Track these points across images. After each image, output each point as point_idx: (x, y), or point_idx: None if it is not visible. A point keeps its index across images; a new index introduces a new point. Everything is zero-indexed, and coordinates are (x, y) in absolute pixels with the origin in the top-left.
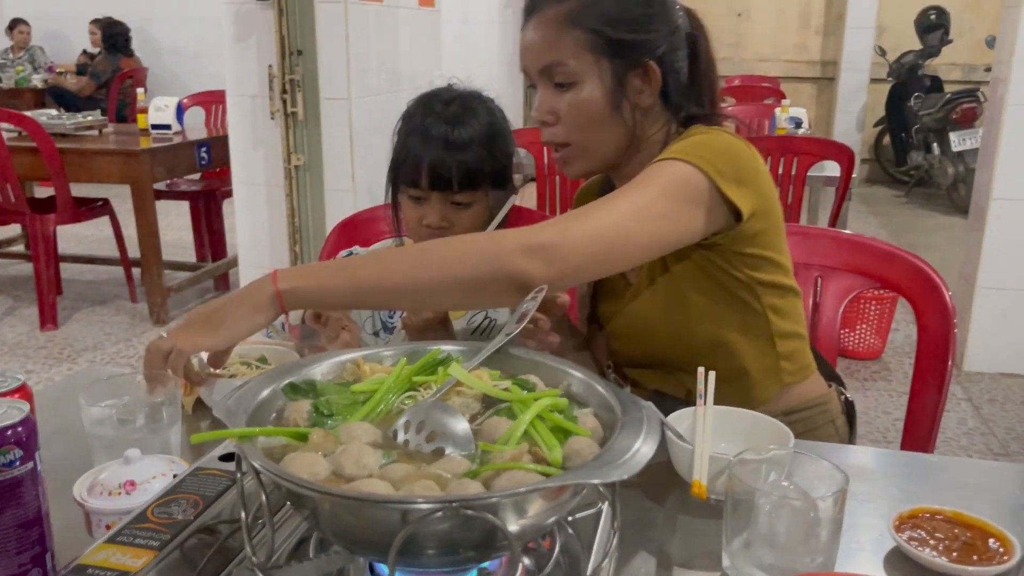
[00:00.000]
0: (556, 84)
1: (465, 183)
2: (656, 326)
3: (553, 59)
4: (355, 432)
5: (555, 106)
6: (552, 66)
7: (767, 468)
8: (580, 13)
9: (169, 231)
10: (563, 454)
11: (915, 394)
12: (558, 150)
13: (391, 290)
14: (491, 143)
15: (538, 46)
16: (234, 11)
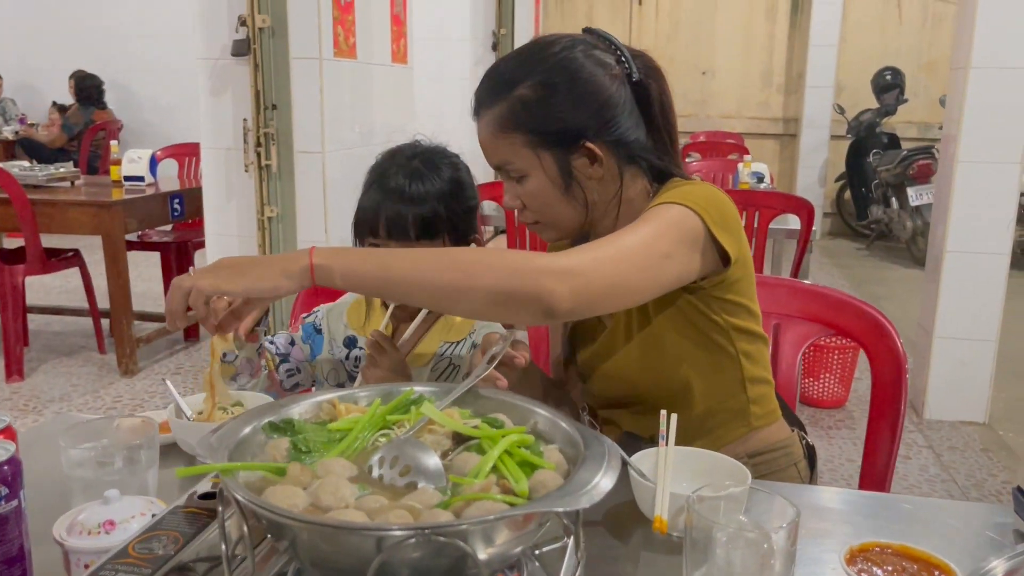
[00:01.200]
0: (518, 177)
1: (422, 233)
2: (631, 367)
3: (500, 159)
4: (332, 467)
5: (517, 194)
6: (502, 165)
7: (725, 505)
8: (508, 117)
9: (139, 282)
10: (529, 486)
11: (871, 435)
12: (531, 226)
13: (418, 285)
14: (450, 196)
15: (485, 147)
16: (209, 66)
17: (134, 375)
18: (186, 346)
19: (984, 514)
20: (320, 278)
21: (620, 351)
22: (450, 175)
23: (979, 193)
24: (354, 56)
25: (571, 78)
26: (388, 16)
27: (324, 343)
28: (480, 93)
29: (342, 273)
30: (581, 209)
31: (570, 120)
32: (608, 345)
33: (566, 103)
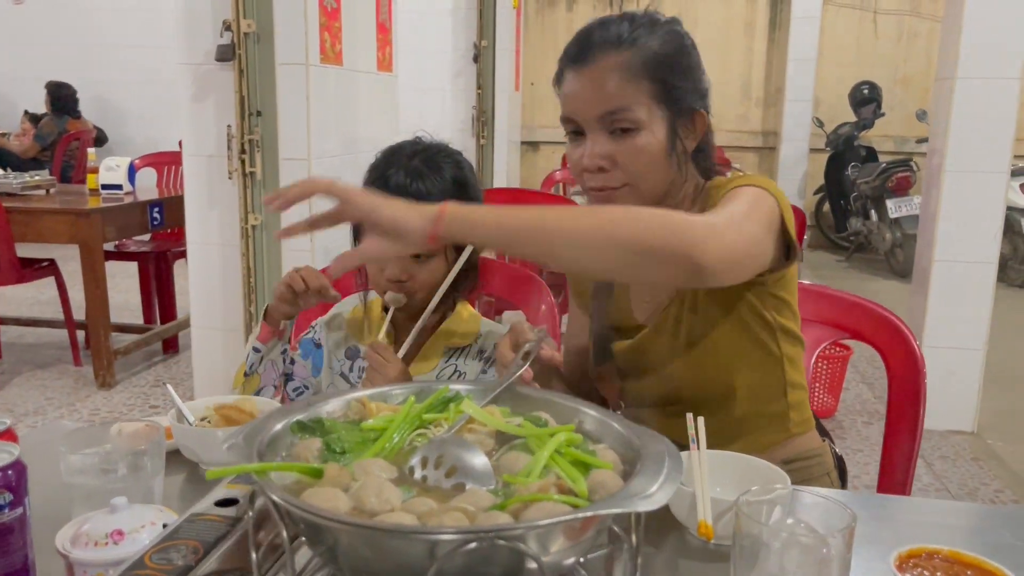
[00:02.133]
0: (618, 129)
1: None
2: (676, 365)
3: (617, 105)
4: (370, 468)
5: (611, 152)
6: (615, 112)
7: (768, 509)
8: (644, 63)
9: (115, 293)
10: (588, 487)
11: (888, 440)
12: (603, 192)
13: (552, 232)
14: (452, 195)
15: (599, 93)
16: (192, 71)
17: (111, 387)
18: (165, 358)
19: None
20: (448, 220)
21: (665, 348)
22: (452, 174)
23: (966, 203)
24: (340, 63)
25: (691, 45)
26: (374, 23)
27: (324, 357)
28: (598, 37)
29: (470, 219)
30: (667, 180)
31: (693, 83)
32: (650, 342)
33: (693, 66)
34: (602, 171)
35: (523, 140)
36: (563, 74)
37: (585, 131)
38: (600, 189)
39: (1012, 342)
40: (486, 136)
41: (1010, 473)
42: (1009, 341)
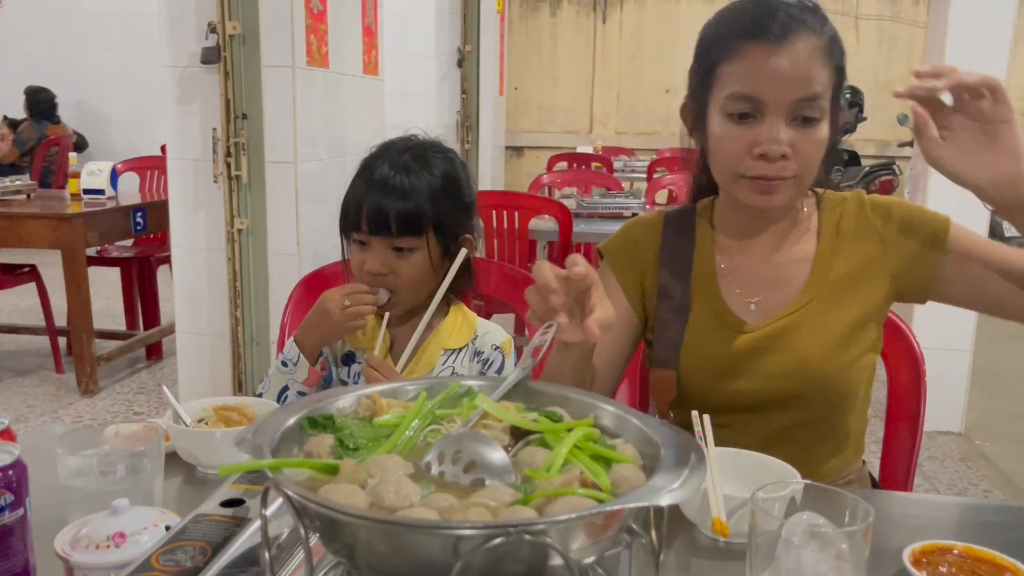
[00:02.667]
0: (802, 118)
1: (405, 229)
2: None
3: (814, 91)
4: (386, 464)
5: (794, 141)
6: (812, 99)
7: (781, 504)
8: (832, 48)
9: (96, 299)
10: (610, 480)
11: (888, 438)
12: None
13: None
14: (440, 192)
15: (800, 76)
16: (177, 74)
17: (94, 395)
18: (148, 364)
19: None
20: None
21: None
22: (442, 170)
23: (952, 204)
24: (326, 66)
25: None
26: (360, 27)
27: (333, 371)
28: (792, 14)
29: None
30: (816, 176)
31: (845, 77)
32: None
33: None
34: (783, 159)
35: (507, 145)
36: (742, 48)
37: (764, 114)
38: (772, 178)
39: (996, 344)
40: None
41: (998, 473)
42: (993, 343)
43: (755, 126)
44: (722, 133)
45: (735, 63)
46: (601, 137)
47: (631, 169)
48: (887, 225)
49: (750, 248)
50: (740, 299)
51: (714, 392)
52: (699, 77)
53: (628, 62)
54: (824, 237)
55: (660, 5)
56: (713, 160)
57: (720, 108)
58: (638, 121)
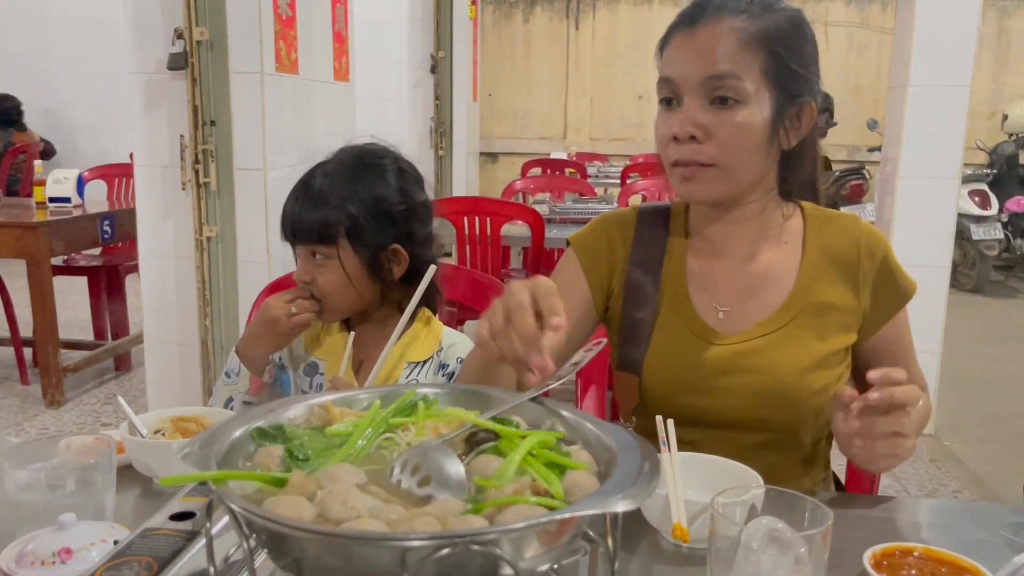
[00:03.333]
0: (717, 99)
1: (315, 237)
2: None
3: (726, 70)
4: (336, 474)
5: (707, 123)
6: (723, 78)
7: (742, 509)
8: (764, 33)
9: (63, 309)
10: (564, 487)
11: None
12: (688, 166)
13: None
14: (357, 202)
15: (711, 54)
16: (144, 81)
17: (61, 406)
18: (117, 375)
19: (996, 514)
20: None
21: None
22: (374, 178)
23: (920, 208)
24: (296, 72)
25: (813, 35)
26: (330, 33)
27: (291, 378)
28: (718, 1)
29: None
30: (761, 169)
31: (810, 69)
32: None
33: (811, 55)
34: (693, 141)
35: (482, 151)
36: (670, 37)
37: (681, 97)
38: (686, 162)
39: (965, 345)
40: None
41: (968, 473)
42: (962, 344)
43: (674, 111)
44: (656, 120)
45: (664, 53)
46: (575, 143)
47: (605, 175)
48: (870, 263)
49: (723, 253)
50: (709, 306)
51: (678, 405)
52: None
53: (601, 68)
54: (809, 256)
55: (632, 12)
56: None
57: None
58: (612, 127)
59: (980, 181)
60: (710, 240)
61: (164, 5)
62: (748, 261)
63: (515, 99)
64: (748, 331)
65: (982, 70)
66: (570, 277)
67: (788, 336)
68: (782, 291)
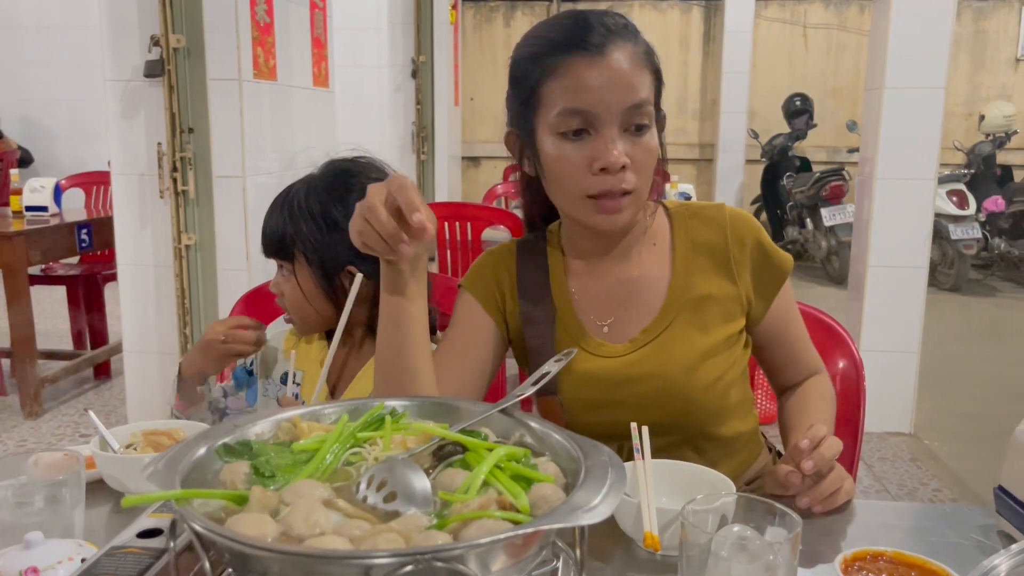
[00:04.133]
0: (635, 127)
1: (273, 251)
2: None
3: (642, 98)
4: (301, 490)
5: (629, 151)
6: (640, 106)
7: (715, 517)
8: (648, 56)
9: (42, 318)
10: (529, 501)
11: None
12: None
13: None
14: (309, 217)
15: (627, 84)
16: (120, 88)
17: (39, 417)
18: (96, 385)
19: (966, 516)
20: None
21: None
22: (340, 196)
23: (897, 209)
24: (274, 78)
25: None
26: (309, 38)
27: (259, 386)
28: (608, 25)
29: None
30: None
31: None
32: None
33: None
34: (623, 170)
35: (464, 155)
36: (562, 65)
37: (597, 127)
38: (616, 192)
39: (944, 344)
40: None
41: (947, 472)
42: (941, 343)
43: (591, 141)
44: (558, 153)
45: (559, 79)
46: None
47: None
48: (740, 249)
49: (599, 269)
50: (594, 323)
51: (597, 421)
52: (520, 101)
53: None
54: (679, 254)
55: None
56: (552, 184)
57: (551, 128)
58: None
59: (958, 181)
60: (584, 256)
61: (140, 12)
62: (625, 270)
63: (497, 103)
64: (636, 339)
65: (959, 71)
66: (469, 314)
67: (672, 337)
68: (659, 293)
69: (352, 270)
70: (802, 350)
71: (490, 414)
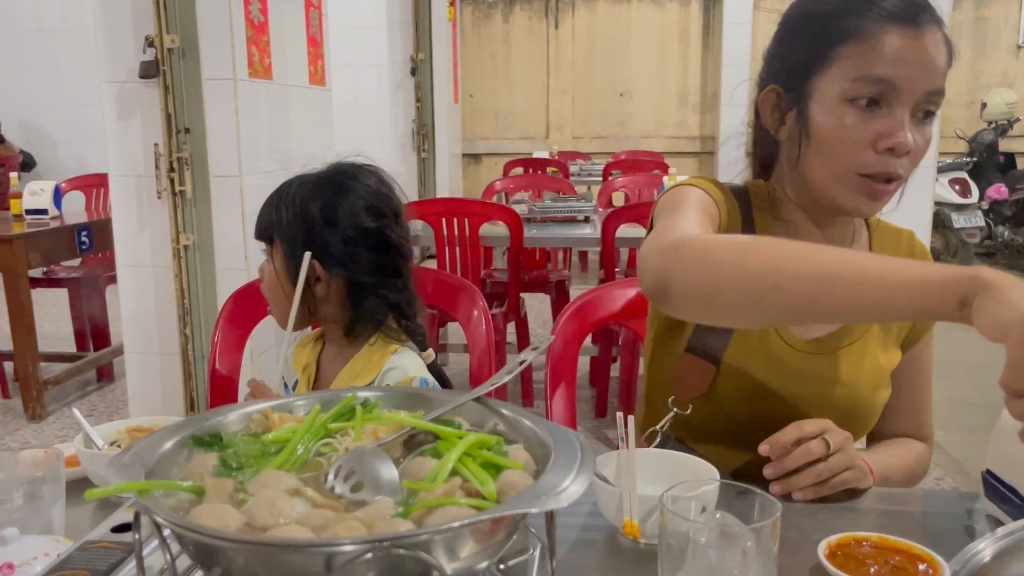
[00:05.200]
0: (924, 112)
1: (257, 232)
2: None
3: (942, 85)
4: (267, 481)
5: (915, 137)
6: (938, 93)
7: (698, 504)
8: (950, 44)
9: (45, 321)
10: (497, 488)
11: None
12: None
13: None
14: (289, 204)
15: (935, 67)
16: (116, 90)
17: (42, 419)
18: (99, 387)
19: (954, 501)
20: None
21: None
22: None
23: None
24: (270, 77)
25: None
26: (304, 37)
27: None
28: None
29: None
30: None
31: None
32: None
33: None
34: (906, 155)
35: (465, 152)
36: (873, 27)
37: (892, 104)
38: (893, 176)
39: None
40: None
41: (950, 460)
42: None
43: (880, 116)
44: (838, 122)
45: (867, 43)
46: (557, 142)
47: (587, 173)
48: None
49: None
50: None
51: (748, 408)
52: (802, 59)
53: (582, 66)
54: None
55: (611, 9)
56: (819, 153)
57: (840, 93)
58: (594, 125)
59: (960, 169)
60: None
61: (134, 13)
62: None
63: (497, 99)
64: (821, 340)
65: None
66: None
67: (864, 350)
68: None
69: (315, 265)
70: (918, 408)
71: (463, 402)
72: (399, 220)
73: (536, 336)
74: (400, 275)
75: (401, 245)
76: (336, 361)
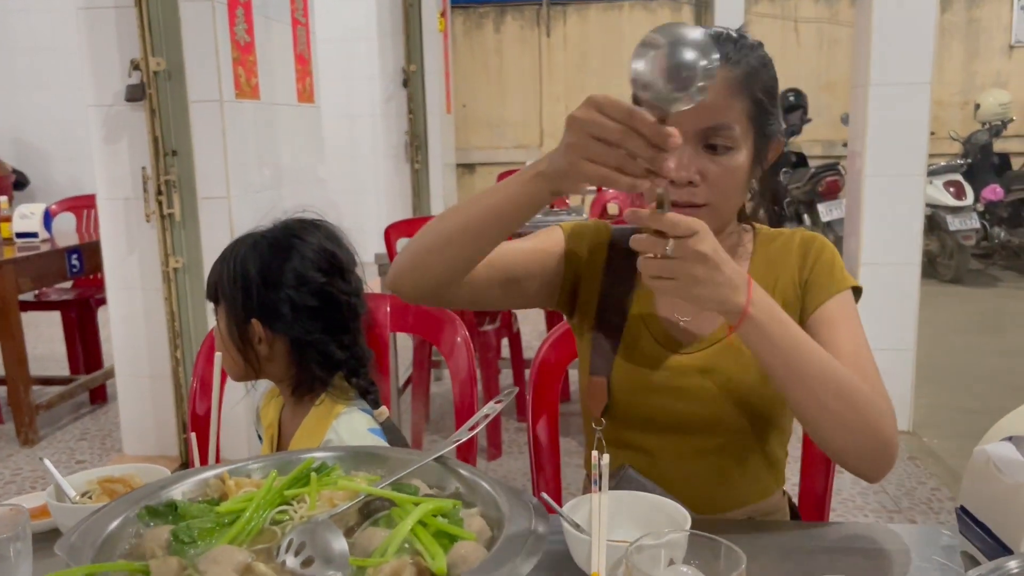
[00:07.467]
0: (710, 146)
1: (207, 293)
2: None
3: (721, 121)
4: (218, 558)
5: (703, 168)
6: (718, 128)
7: (667, 553)
8: (749, 80)
9: (39, 344)
10: (448, 562)
11: (806, 462)
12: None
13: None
14: (234, 277)
15: (706, 107)
16: (103, 113)
17: (35, 444)
18: (92, 410)
19: (929, 537)
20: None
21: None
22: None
23: (888, 206)
24: (257, 97)
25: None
26: (292, 55)
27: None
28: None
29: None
30: (739, 205)
31: (777, 109)
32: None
33: (777, 93)
34: (690, 185)
35: (459, 162)
36: None
37: None
38: (682, 204)
39: (945, 338)
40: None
41: (946, 469)
42: (942, 337)
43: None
44: None
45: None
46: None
47: None
48: (803, 264)
49: None
50: (673, 317)
51: (642, 405)
52: None
53: (574, 74)
54: (756, 266)
55: (602, 16)
56: None
57: None
58: None
59: (955, 171)
60: None
61: (119, 37)
62: None
63: (490, 109)
64: (713, 335)
65: (952, 60)
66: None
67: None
68: None
69: (255, 325)
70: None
71: (421, 464)
72: (345, 276)
73: (531, 349)
74: (347, 331)
75: (348, 301)
76: (293, 421)
